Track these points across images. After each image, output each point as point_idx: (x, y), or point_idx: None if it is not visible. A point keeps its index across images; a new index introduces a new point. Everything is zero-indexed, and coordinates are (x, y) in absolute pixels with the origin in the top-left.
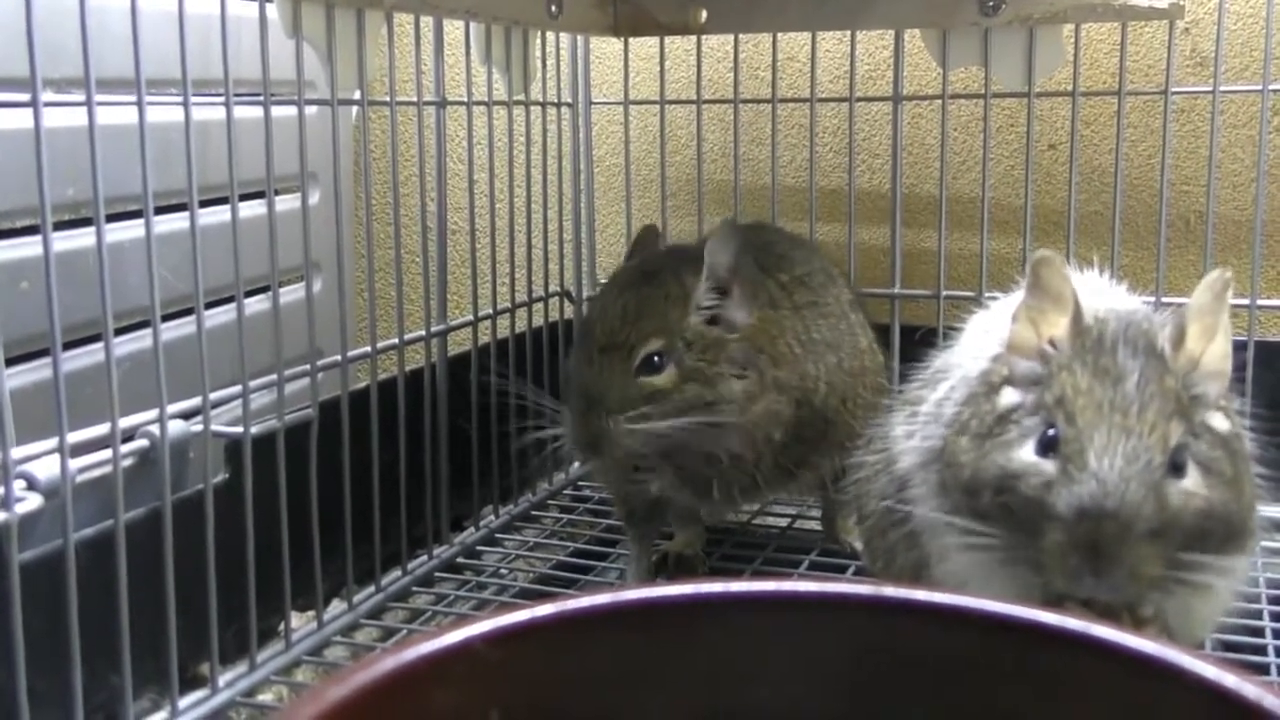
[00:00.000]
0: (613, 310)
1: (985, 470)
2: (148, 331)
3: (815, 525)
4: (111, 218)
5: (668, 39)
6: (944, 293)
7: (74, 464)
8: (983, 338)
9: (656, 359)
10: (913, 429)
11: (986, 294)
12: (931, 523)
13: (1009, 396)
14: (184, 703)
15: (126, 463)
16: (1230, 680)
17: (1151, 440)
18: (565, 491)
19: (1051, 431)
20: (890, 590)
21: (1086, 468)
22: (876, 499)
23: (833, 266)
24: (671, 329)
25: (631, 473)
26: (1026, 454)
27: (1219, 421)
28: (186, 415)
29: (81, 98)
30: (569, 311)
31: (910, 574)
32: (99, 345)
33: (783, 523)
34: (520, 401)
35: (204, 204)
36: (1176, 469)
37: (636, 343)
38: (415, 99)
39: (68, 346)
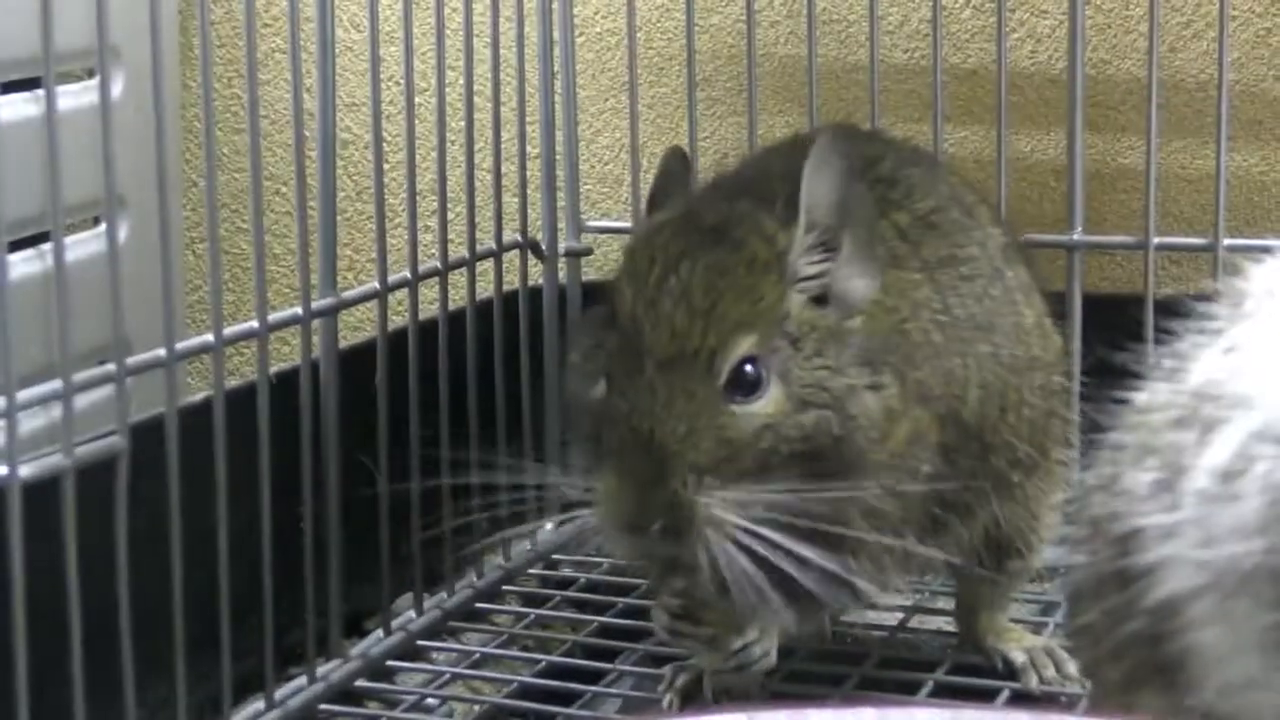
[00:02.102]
0: (669, 295)
1: None
2: None
3: (945, 623)
4: None
5: None
6: (1154, 240)
7: None
8: None
9: (748, 369)
10: (1177, 521)
11: (1225, 241)
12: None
13: None
14: None
15: None
16: None
17: None
18: (531, 571)
19: None
20: None
21: None
22: (1100, 608)
23: (970, 193)
24: (766, 317)
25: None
26: None
27: None
28: None
29: None
30: (537, 275)
31: None
32: None
33: (892, 620)
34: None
35: None
36: None
37: (719, 345)
38: None
39: None
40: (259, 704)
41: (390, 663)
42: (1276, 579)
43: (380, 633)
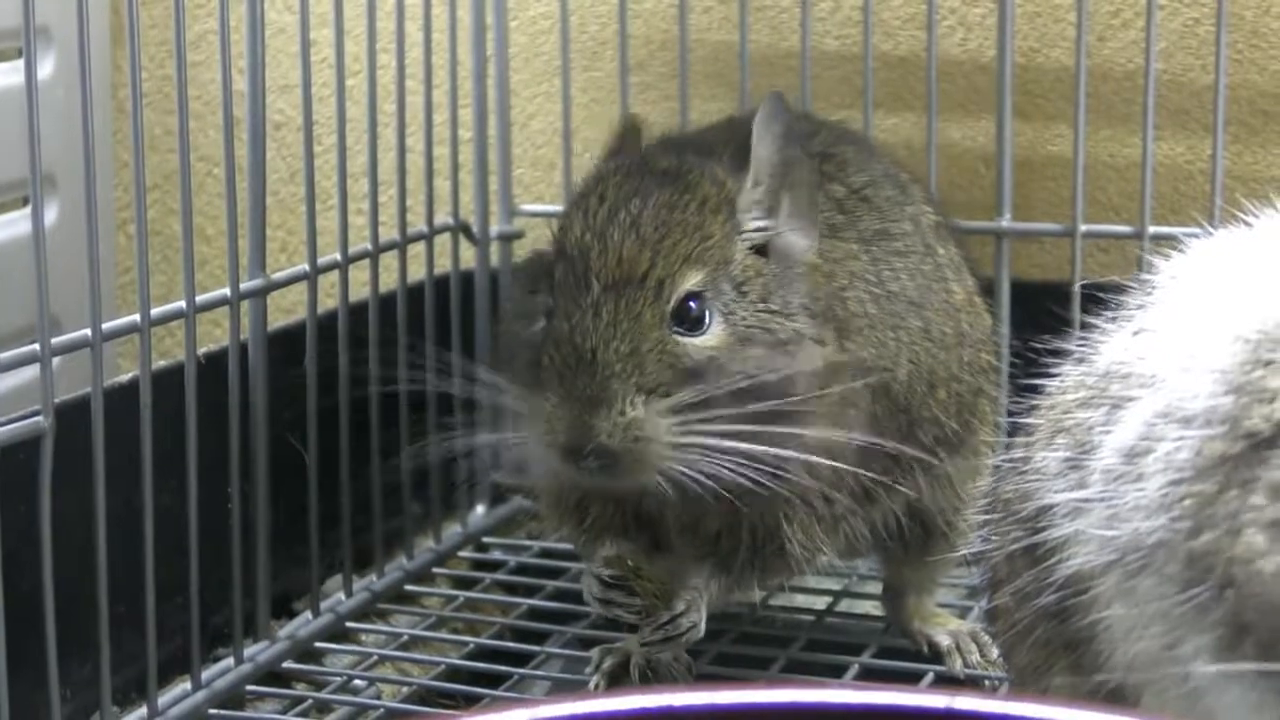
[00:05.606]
0: (618, 226)
1: None
2: None
3: (873, 607)
4: None
5: None
6: (1082, 227)
7: None
8: (1194, 318)
9: (692, 305)
10: (1085, 498)
11: (1151, 229)
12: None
13: None
14: None
15: None
16: None
17: None
18: (461, 553)
19: None
20: (981, 702)
21: None
22: (1012, 588)
23: (902, 171)
24: (714, 256)
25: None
26: None
27: None
28: None
29: None
30: (469, 258)
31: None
32: None
33: (820, 603)
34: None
35: None
36: None
37: (666, 275)
38: None
39: None
40: (185, 685)
41: (318, 644)
42: (1178, 556)
43: (309, 614)
